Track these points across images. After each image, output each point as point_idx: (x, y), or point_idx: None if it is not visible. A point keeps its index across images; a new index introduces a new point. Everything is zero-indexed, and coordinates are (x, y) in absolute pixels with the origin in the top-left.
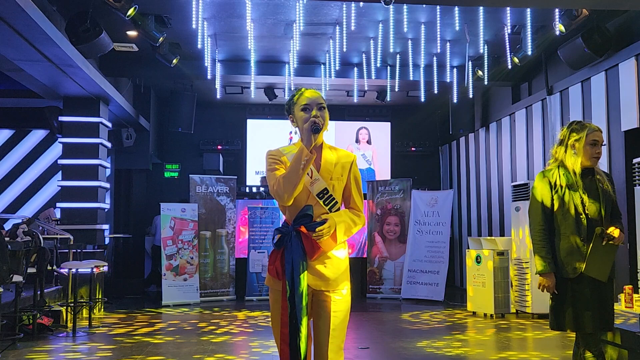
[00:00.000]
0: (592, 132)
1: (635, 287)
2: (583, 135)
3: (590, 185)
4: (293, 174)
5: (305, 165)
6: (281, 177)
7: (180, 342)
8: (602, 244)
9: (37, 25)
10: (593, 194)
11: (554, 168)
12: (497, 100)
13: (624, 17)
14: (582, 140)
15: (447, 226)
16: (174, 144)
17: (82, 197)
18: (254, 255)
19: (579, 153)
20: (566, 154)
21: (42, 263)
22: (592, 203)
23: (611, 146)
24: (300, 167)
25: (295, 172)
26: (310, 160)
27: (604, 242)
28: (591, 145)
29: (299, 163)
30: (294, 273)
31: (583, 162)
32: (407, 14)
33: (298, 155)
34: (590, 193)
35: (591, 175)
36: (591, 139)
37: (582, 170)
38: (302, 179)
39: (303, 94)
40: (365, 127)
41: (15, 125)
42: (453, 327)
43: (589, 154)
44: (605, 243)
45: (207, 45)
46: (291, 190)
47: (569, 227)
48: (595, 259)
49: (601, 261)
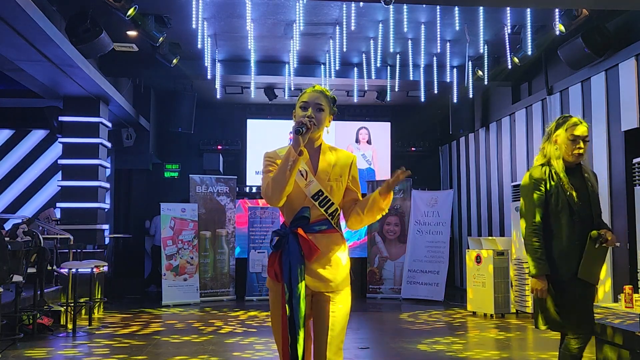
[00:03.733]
0: (572, 127)
1: (635, 287)
2: (563, 130)
3: (580, 185)
4: (280, 175)
5: (292, 166)
6: (270, 179)
7: (180, 342)
8: (595, 247)
9: (37, 25)
10: (583, 194)
11: (540, 166)
12: (497, 100)
13: (624, 17)
14: (562, 135)
15: (447, 226)
16: (174, 144)
17: (82, 197)
18: (254, 255)
19: (560, 149)
20: (552, 150)
21: (42, 263)
22: (583, 204)
23: (611, 146)
24: (287, 168)
25: (282, 173)
26: (297, 161)
27: (597, 245)
28: (571, 141)
29: (286, 164)
30: (292, 275)
31: (565, 158)
32: (407, 14)
33: (286, 156)
34: (580, 193)
35: (580, 173)
36: (570, 133)
37: (570, 169)
38: (290, 181)
39: (307, 91)
40: (365, 127)
41: (15, 125)
42: (453, 327)
43: (569, 149)
44: (598, 246)
45: (207, 45)
46: (279, 192)
47: (562, 229)
48: (588, 262)
49: (594, 264)
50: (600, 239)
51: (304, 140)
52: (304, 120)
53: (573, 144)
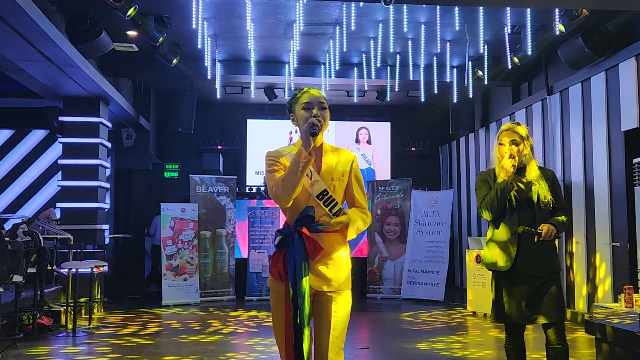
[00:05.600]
0: (500, 133)
1: (635, 287)
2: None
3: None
4: (291, 176)
5: (303, 168)
6: (280, 180)
7: (180, 342)
8: (534, 241)
9: (37, 25)
10: (525, 193)
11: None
12: (497, 100)
13: (624, 17)
14: (496, 142)
15: (447, 226)
16: (174, 144)
17: (82, 197)
18: (254, 255)
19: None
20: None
21: (42, 263)
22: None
23: (611, 146)
24: (298, 169)
25: (293, 174)
26: (309, 162)
27: (536, 239)
28: (500, 146)
29: (297, 165)
30: (296, 275)
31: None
32: (407, 14)
33: (296, 157)
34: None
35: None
36: (499, 139)
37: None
38: (300, 181)
39: (306, 92)
40: (365, 127)
41: (15, 125)
42: (453, 327)
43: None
44: (537, 240)
45: (207, 45)
46: (290, 192)
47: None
48: (525, 255)
49: (532, 257)
50: (530, 233)
51: (314, 140)
52: (314, 120)
53: (501, 148)
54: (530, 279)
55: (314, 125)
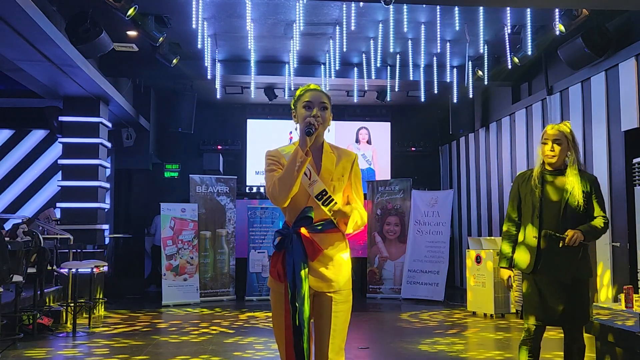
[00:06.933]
0: (544, 131)
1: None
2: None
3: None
4: (288, 175)
5: (299, 167)
6: (277, 179)
7: (180, 342)
8: (559, 246)
9: (37, 25)
10: (554, 195)
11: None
12: (497, 100)
13: (624, 17)
14: (540, 140)
15: (447, 226)
16: (174, 144)
17: (82, 197)
18: (254, 255)
19: (539, 153)
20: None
21: (42, 263)
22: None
23: (611, 146)
24: (294, 168)
25: (289, 173)
26: (305, 162)
27: (560, 244)
28: (543, 144)
29: (293, 164)
30: (296, 275)
31: (545, 160)
32: (407, 14)
33: (293, 156)
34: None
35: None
36: (542, 138)
37: (551, 170)
38: (297, 181)
39: (309, 90)
40: (365, 127)
41: (15, 125)
42: (453, 327)
43: (543, 152)
44: (561, 245)
45: (207, 45)
46: (286, 192)
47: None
48: (549, 259)
49: (556, 261)
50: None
51: (311, 140)
52: (312, 120)
53: (544, 147)
54: (554, 283)
55: (310, 125)
